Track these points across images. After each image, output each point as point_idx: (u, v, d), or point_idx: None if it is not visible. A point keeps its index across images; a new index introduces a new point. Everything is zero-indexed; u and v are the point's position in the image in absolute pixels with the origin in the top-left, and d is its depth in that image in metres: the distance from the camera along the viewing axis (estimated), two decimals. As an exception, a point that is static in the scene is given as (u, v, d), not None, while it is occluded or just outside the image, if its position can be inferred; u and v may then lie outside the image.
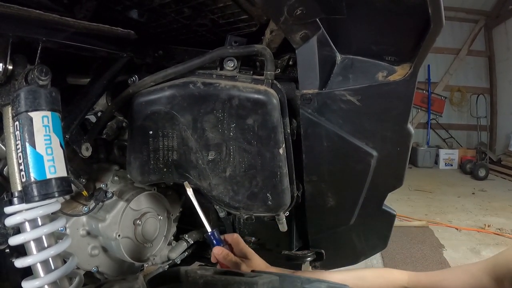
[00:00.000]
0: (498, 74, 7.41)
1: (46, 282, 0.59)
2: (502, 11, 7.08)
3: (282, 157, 0.85)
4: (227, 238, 0.97)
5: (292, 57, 0.89)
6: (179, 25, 0.86)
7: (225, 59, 0.85)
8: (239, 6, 0.76)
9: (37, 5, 0.64)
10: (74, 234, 0.96)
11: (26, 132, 0.56)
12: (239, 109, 0.82)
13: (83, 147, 0.80)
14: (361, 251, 1.22)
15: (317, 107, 0.86)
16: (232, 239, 0.96)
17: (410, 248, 2.84)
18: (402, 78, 0.82)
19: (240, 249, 0.95)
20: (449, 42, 7.34)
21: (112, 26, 0.74)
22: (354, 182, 0.97)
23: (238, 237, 0.97)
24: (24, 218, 0.59)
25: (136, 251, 1.06)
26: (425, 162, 7.00)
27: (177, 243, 1.25)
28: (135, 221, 1.04)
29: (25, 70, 0.61)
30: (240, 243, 0.96)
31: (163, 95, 0.84)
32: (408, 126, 0.90)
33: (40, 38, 0.64)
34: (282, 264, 1.25)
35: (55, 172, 0.57)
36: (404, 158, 0.95)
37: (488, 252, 2.81)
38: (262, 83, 0.83)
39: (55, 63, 0.75)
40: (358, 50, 0.86)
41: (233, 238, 0.97)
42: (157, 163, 0.91)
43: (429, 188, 5.18)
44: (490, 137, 7.29)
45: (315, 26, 0.79)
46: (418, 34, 0.77)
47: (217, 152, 0.87)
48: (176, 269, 1.04)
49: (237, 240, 0.96)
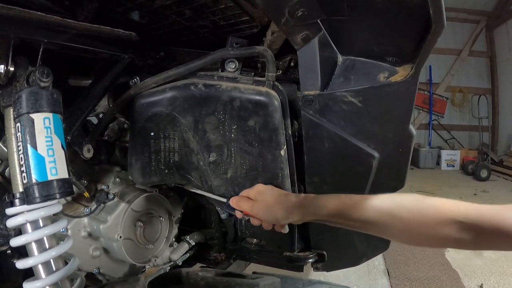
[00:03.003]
0: (499, 75, 7.38)
1: (47, 283, 0.59)
2: (504, 12, 7.05)
3: (284, 159, 0.85)
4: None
5: (294, 59, 0.89)
6: (180, 26, 0.87)
7: (227, 61, 0.85)
8: (240, 8, 0.77)
9: (39, 7, 0.65)
10: (75, 235, 0.96)
11: (27, 133, 0.56)
12: (240, 111, 0.82)
13: (85, 149, 0.80)
14: (362, 253, 1.21)
15: (318, 108, 0.86)
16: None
17: (412, 250, 2.82)
18: (404, 79, 0.82)
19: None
20: (451, 43, 7.32)
21: (113, 27, 0.74)
22: (356, 184, 0.97)
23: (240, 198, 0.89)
24: (26, 220, 0.59)
25: (137, 253, 1.06)
26: (427, 163, 6.97)
27: (179, 244, 1.25)
28: (136, 222, 1.04)
29: (27, 72, 0.61)
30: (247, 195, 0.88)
31: (165, 97, 0.84)
32: (409, 127, 0.90)
33: (41, 39, 0.64)
34: (284, 266, 1.25)
35: (56, 173, 0.58)
36: (406, 159, 0.95)
37: (490, 254, 2.79)
38: (264, 85, 0.83)
39: (56, 64, 0.75)
40: (360, 51, 0.86)
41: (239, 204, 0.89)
42: (158, 165, 0.91)
43: (431, 189, 5.16)
44: (492, 138, 7.25)
45: (316, 27, 0.79)
46: (419, 35, 0.77)
47: (218, 154, 0.86)
48: (178, 270, 1.04)
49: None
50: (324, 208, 0.74)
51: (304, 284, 0.96)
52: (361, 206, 0.70)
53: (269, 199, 0.83)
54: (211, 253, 1.39)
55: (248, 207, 0.84)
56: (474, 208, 0.60)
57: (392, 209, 0.67)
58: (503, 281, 2.39)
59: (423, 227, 0.63)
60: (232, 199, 0.88)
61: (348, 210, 0.71)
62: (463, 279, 2.41)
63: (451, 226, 0.60)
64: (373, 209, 0.69)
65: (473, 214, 0.59)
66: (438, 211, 0.63)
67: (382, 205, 0.69)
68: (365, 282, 2.37)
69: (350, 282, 2.33)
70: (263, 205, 0.83)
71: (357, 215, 0.70)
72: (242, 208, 0.86)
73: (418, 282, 2.35)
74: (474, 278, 2.44)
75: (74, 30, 0.68)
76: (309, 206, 0.77)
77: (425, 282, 2.35)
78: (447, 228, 0.61)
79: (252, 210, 0.84)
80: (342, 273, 2.33)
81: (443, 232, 0.61)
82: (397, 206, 0.67)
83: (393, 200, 0.69)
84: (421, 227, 0.64)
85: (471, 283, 2.36)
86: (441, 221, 0.61)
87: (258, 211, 0.83)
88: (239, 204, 0.86)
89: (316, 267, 1.24)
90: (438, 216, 0.62)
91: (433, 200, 0.66)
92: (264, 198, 0.83)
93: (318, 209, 0.75)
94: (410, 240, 0.69)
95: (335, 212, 0.73)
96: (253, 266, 1.43)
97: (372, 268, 2.54)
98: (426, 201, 0.66)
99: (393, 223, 0.67)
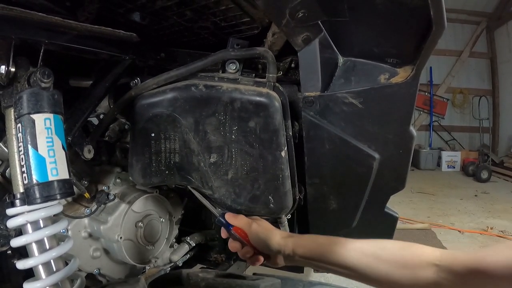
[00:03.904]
0: (500, 76, 7.38)
1: (47, 284, 0.59)
2: (504, 13, 7.06)
3: (284, 160, 0.85)
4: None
5: (294, 60, 0.89)
6: (181, 27, 0.87)
7: (227, 62, 0.85)
8: (241, 9, 0.77)
9: (40, 8, 0.65)
10: (76, 236, 0.96)
11: (28, 134, 0.56)
12: (241, 112, 0.82)
13: (85, 149, 0.81)
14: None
15: (319, 109, 0.86)
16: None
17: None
18: (404, 80, 0.82)
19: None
20: (451, 44, 7.33)
21: (114, 28, 0.74)
22: (356, 185, 0.97)
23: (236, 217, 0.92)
24: (26, 220, 0.59)
25: (138, 253, 1.06)
26: (428, 164, 6.98)
27: (179, 245, 1.25)
28: (137, 223, 1.04)
29: (28, 73, 0.61)
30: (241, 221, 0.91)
31: (165, 98, 0.84)
32: (410, 128, 0.89)
33: (42, 40, 0.64)
34: (284, 267, 1.25)
35: (57, 174, 0.58)
36: (406, 161, 0.95)
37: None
38: (264, 86, 0.83)
39: (57, 65, 0.75)
40: (360, 52, 0.86)
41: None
42: (159, 166, 0.91)
43: (432, 190, 5.16)
44: (493, 139, 7.25)
45: (317, 29, 0.79)
46: (420, 36, 0.77)
47: (219, 155, 0.86)
48: (178, 271, 1.04)
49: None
50: (301, 248, 0.77)
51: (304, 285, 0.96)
52: (344, 248, 0.73)
53: (261, 229, 0.84)
54: (211, 254, 1.39)
55: (247, 229, 0.85)
56: (449, 253, 0.65)
57: (375, 252, 0.70)
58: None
59: (404, 269, 0.67)
60: (229, 215, 0.89)
61: (328, 251, 0.74)
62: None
63: (429, 268, 0.63)
64: (356, 250, 0.72)
65: (446, 257, 0.63)
66: (416, 254, 0.67)
67: (365, 247, 0.72)
68: (365, 283, 2.36)
69: (350, 283, 2.31)
70: (260, 230, 0.84)
71: (339, 257, 0.73)
72: (241, 227, 0.86)
73: (418, 284, 2.34)
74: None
75: (75, 31, 0.68)
76: (288, 245, 0.80)
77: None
78: (425, 271, 0.64)
79: (250, 233, 0.85)
80: (343, 274, 2.32)
81: (422, 274, 0.64)
82: (379, 249, 0.71)
83: (376, 243, 0.73)
84: (402, 270, 0.67)
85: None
86: (420, 263, 0.65)
87: (254, 237, 0.84)
88: (238, 221, 0.87)
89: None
90: (417, 258, 0.66)
91: (413, 245, 0.70)
92: (257, 228, 0.85)
93: (296, 247, 0.78)
94: (390, 284, 0.71)
95: (314, 253, 0.76)
96: (254, 268, 1.43)
97: (372, 269, 2.54)
98: (406, 245, 0.70)
99: (375, 265, 0.70)
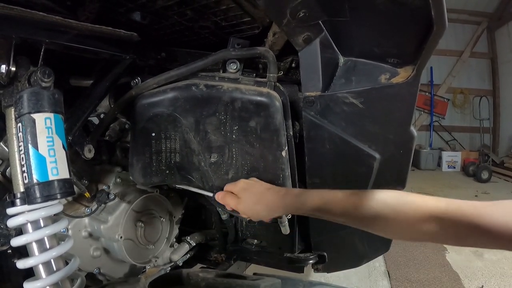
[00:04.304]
0: (501, 76, 7.37)
1: (48, 283, 0.59)
2: (505, 13, 7.05)
3: (285, 160, 0.85)
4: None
5: (295, 60, 0.89)
6: (182, 27, 0.87)
7: (228, 62, 0.85)
8: (242, 9, 0.77)
9: (41, 7, 0.65)
10: (76, 235, 0.96)
11: (28, 133, 0.56)
12: (241, 112, 0.81)
13: (86, 149, 0.81)
14: (363, 254, 1.21)
15: (319, 109, 0.86)
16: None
17: (412, 251, 2.82)
18: (405, 81, 0.82)
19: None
20: (452, 44, 7.32)
21: (115, 28, 0.74)
22: (357, 185, 0.97)
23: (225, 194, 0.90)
24: (26, 220, 0.59)
25: (138, 253, 1.06)
26: (428, 164, 6.97)
27: (179, 245, 1.25)
28: (137, 223, 1.04)
29: (28, 72, 0.61)
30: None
31: (166, 97, 0.84)
32: (411, 128, 0.89)
33: (43, 40, 0.64)
34: (284, 267, 1.25)
35: (57, 173, 0.58)
36: (406, 161, 0.95)
37: (491, 255, 2.79)
38: (265, 86, 0.83)
39: (58, 65, 0.75)
40: (361, 52, 0.86)
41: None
42: (159, 165, 0.91)
43: (432, 190, 5.15)
44: (493, 139, 7.24)
45: (318, 29, 0.79)
46: (421, 37, 0.77)
47: (219, 155, 0.86)
48: (178, 271, 1.04)
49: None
50: (305, 204, 0.76)
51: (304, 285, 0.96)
52: (343, 202, 0.73)
53: (252, 198, 0.83)
54: (211, 253, 1.39)
55: (234, 204, 0.85)
56: (454, 204, 0.61)
57: (375, 208, 0.68)
58: (503, 283, 2.39)
59: (405, 223, 0.65)
60: (218, 194, 0.88)
61: (329, 206, 0.74)
62: (464, 280, 2.41)
63: (431, 222, 0.62)
64: (355, 206, 0.71)
65: (452, 210, 0.60)
66: (419, 208, 0.64)
67: (364, 202, 0.70)
68: (365, 284, 2.36)
69: (350, 283, 2.32)
70: (247, 204, 0.83)
71: (339, 210, 0.73)
72: (228, 205, 0.86)
73: (418, 284, 2.34)
74: (474, 279, 2.43)
75: (76, 31, 0.68)
76: (291, 203, 0.79)
77: (425, 284, 2.35)
78: (427, 224, 0.62)
79: (238, 207, 0.84)
80: (343, 274, 2.33)
81: (424, 228, 0.63)
82: (379, 205, 0.68)
83: (376, 198, 0.70)
84: (403, 224, 0.66)
85: (471, 285, 2.36)
86: (422, 217, 0.63)
87: (243, 209, 0.84)
88: (224, 200, 0.87)
89: (317, 268, 1.24)
90: (419, 213, 0.64)
91: (414, 197, 0.67)
92: (247, 196, 0.84)
93: (300, 204, 0.77)
94: (390, 234, 0.71)
95: (317, 207, 0.75)
96: (254, 267, 1.43)
97: (372, 269, 2.54)
98: (408, 198, 0.67)
99: (376, 220, 0.69)
